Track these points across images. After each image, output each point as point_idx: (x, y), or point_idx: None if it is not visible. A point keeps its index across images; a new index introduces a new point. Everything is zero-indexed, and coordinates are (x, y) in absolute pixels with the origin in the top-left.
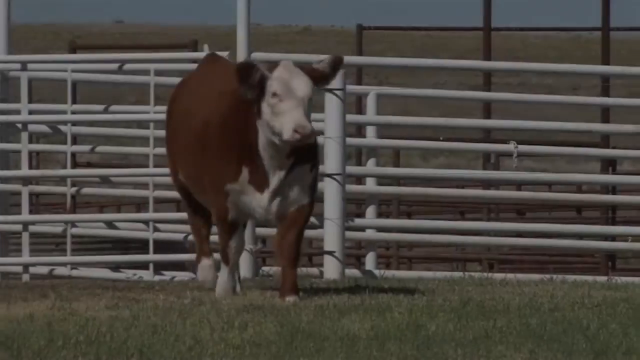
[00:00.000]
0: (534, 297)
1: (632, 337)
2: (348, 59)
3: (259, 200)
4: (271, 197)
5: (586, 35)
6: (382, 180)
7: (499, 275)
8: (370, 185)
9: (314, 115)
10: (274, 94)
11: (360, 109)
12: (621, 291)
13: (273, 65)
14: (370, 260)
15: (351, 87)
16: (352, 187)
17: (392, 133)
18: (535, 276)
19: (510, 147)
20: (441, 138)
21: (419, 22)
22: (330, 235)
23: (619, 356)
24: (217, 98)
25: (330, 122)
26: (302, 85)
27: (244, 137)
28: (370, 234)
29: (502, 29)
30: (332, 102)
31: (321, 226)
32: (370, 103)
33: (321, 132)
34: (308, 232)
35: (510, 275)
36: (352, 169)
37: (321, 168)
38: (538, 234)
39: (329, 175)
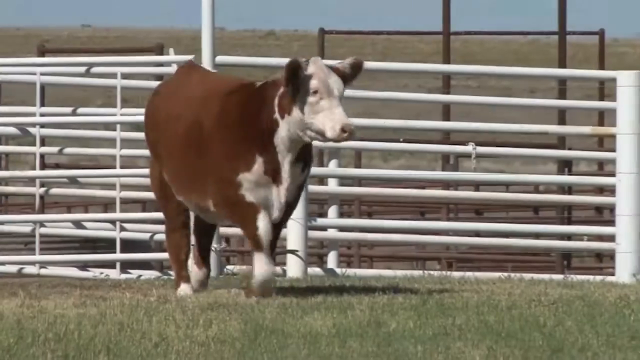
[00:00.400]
0: (491, 295)
1: (587, 334)
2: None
3: (276, 195)
4: (286, 193)
5: (543, 39)
6: (343, 180)
7: (457, 274)
8: (332, 185)
9: None
10: (315, 92)
11: None
12: (577, 289)
13: (304, 61)
14: (332, 259)
15: None
16: (315, 188)
17: None
18: (493, 274)
19: (469, 148)
20: (402, 140)
21: (380, 27)
22: (293, 234)
23: (575, 353)
24: (203, 100)
25: None
26: (338, 83)
27: (256, 128)
28: (332, 233)
29: (461, 33)
30: None
31: (284, 226)
32: None
33: None
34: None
35: (468, 274)
36: (314, 169)
37: None
38: (496, 233)
39: None
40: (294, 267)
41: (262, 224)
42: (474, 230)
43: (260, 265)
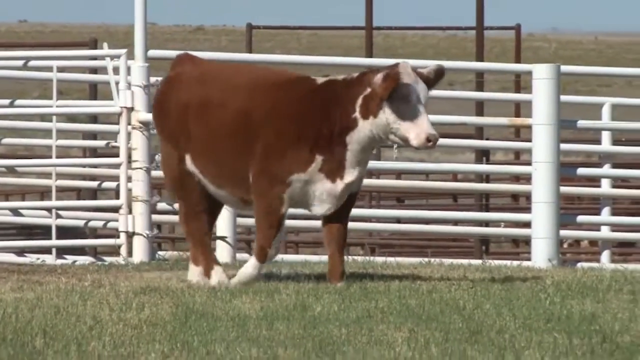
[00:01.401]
0: (413, 280)
1: (505, 316)
2: (238, 56)
3: (329, 189)
4: (345, 188)
5: (461, 34)
6: None
7: (380, 259)
8: None
9: None
10: (406, 99)
11: None
12: (494, 273)
13: (394, 65)
14: None
15: None
16: None
17: None
18: (415, 260)
19: None
20: None
21: (306, 22)
22: (222, 221)
23: (493, 335)
24: (250, 89)
25: None
26: (425, 90)
27: (318, 126)
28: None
29: (383, 28)
30: None
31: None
32: None
33: None
34: None
35: (391, 259)
36: None
37: None
38: (417, 220)
39: None
40: (223, 253)
41: (276, 243)
42: (395, 217)
43: (251, 268)
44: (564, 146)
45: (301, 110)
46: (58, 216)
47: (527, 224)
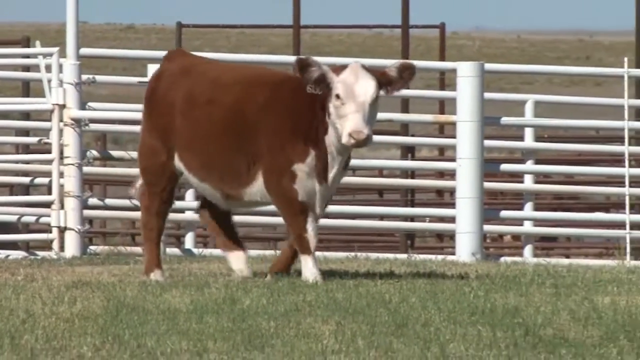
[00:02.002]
0: (340, 274)
1: (430, 310)
2: None
3: (320, 190)
4: (328, 189)
5: (387, 32)
6: None
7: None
8: None
9: (138, 106)
10: (337, 97)
11: None
12: (420, 268)
13: (342, 67)
14: (189, 240)
15: None
16: None
17: None
18: (341, 254)
19: None
20: None
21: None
22: None
23: (418, 328)
24: (244, 86)
25: None
26: (365, 89)
27: (308, 123)
28: (189, 215)
29: (310, 26)
30: None
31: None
32: None
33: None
34: (133, 214)
35: (318, 253)
36: None
37: None
38: (343, 215)
39: None
40: None
41: (311, 227)
42: None
43: (308, 269)
44: (487, 142)
45: (293, 107)
46: None
47: (451, 219)
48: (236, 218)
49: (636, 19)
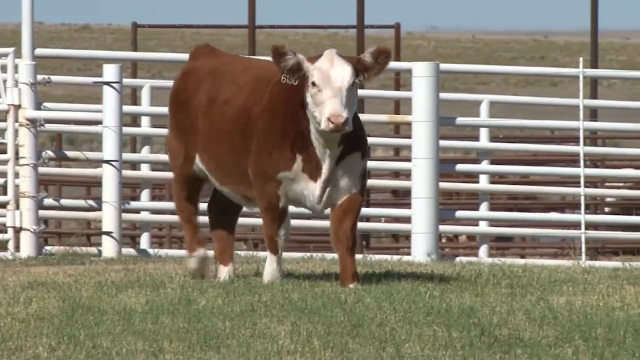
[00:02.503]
0: (295, 273)
1: (385, 310)
2: (124, 54)
3: (312, 190)
4: (323, 186)
5: (342, 32)
6: (155, 166)
7: (263, 254)
8: (145, 170)
9: (93, 107)
10: (313, 84)
11: (135, 101)
12: (375, 268)
13: (317, 56)
14: (145, 240)
15: (127, 81)
16: (128, 173)
17: (164, 123)
18: (297, 254)
19: None
20: None
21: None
22: (108, 217)
23: (374, 328)
24: (254, 86)
25: (107, 112)
26: (340, 74)
27: (298, 125)
28: (144, 215)
29: (265, 26)
30: (109, 94)
31: (99, 208)
32: (145, 95)
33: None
34: (88, 214)
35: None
36: (128, 155)
37: (99, 155)
38: (299, 215)
39: (107, 162)
40: (109, 248)
41: (283, 232)
42: None
43: (272, 269)
44: (443, 143)
45: (283, 109)
46: None
47: (407, 219)
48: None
49: (591, 19)
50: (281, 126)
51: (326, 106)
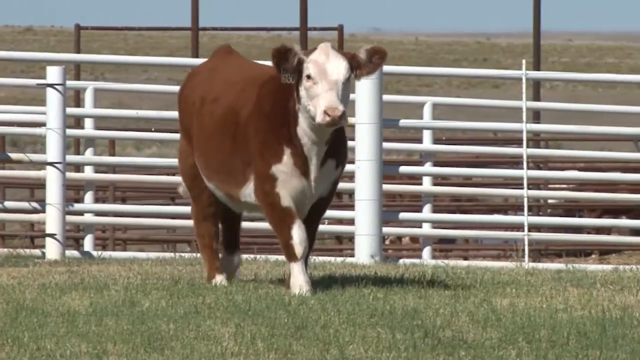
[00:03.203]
0: (239, 276)
1: (329, 312)
2: (67, 56)
3: (309, 187)
4: (313, 185)
5: (286, 34)
6: (99, 168)
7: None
8: (88, 172)
9: (36, 108)
10: (309, 77)
11: (78, 103)
12: (319, 270)
13: (312, 49)
14: (88, 242)
15: (70, 83)
16: (72, 175)
17: (108, 124)
18: (241, 256)
19: None
20: (153, 129)
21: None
22: (51, 218)
23: (318, 329)
24: (242, 85)
25: (51, 114)
26: (336, 68)
27: (283, 122)
28: (88, 217)
29: (209, 28)
30: (53, 96)
31: (43, 210)
32: (88, 97)
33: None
34: (31, 216)
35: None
36: (71, 157)
37: (42, 157)
38: (245, 217)
39: (50, 164)
40: (52, 250)
41: (297, 233)
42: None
43: (296, 277)
44: (386, 145)
45: (271, 106)
46: None
47: (350, 221)
48: (134, 220)
49: (534, 21)
50: (267, 124)
51: (322, 99)
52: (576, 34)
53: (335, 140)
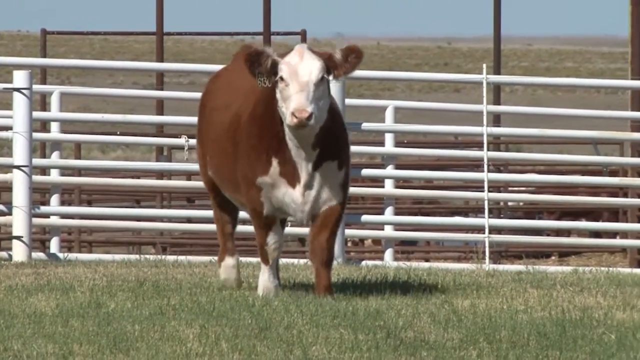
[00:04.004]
0: (203, 277)
1: (293, 313)
2: (33, 60)
3: (291, 195)
4: (303, 191)
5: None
6: (65, 171)
7: (171, 258)
8: (54, 175)
9: (3, 112)
10: (281, 79)
11: (45, 107)
12: (283, 271)
13: (288, 51)
14: (54, 245)
15: (37, 87)
16: (38, 178)
17: (74, 128)
18: (205, 258)
19: (182, 141)
20: (118, 133)
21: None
22: (18, 221)
23: (282, 331)
24: (248, 90)
25: (17, 118)
26: (309, 69)
27: (272, 128)
28: (54, 220)
29: (173, 33)
30: (19, 100)
31: (10, 213)
32: (54, 101)
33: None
34: None
35: (182, 258)
36: (37, 161)
37: (9, 160)
38: (206, 219)
39: (17, 167)
40: (19, 253)
41: (273, 239)
42: (186, 217)
43: (263, 280)
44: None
45: (263, 113)
46: None
47: None
48: (100, 223)
49: (494, 26)
50: (258, 130)
51: (291, 101)
52: (536, 38)
53: (332, 143)
